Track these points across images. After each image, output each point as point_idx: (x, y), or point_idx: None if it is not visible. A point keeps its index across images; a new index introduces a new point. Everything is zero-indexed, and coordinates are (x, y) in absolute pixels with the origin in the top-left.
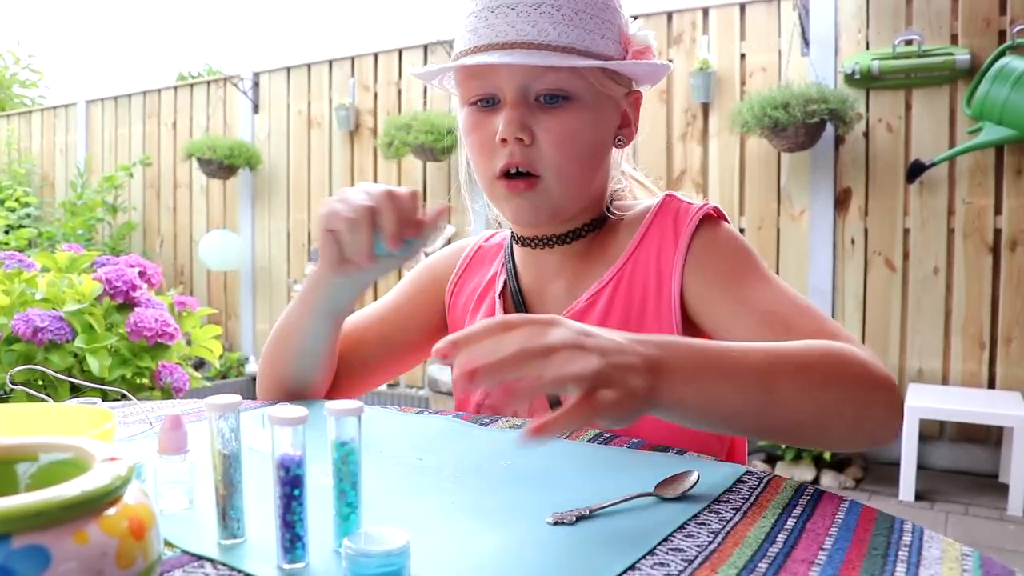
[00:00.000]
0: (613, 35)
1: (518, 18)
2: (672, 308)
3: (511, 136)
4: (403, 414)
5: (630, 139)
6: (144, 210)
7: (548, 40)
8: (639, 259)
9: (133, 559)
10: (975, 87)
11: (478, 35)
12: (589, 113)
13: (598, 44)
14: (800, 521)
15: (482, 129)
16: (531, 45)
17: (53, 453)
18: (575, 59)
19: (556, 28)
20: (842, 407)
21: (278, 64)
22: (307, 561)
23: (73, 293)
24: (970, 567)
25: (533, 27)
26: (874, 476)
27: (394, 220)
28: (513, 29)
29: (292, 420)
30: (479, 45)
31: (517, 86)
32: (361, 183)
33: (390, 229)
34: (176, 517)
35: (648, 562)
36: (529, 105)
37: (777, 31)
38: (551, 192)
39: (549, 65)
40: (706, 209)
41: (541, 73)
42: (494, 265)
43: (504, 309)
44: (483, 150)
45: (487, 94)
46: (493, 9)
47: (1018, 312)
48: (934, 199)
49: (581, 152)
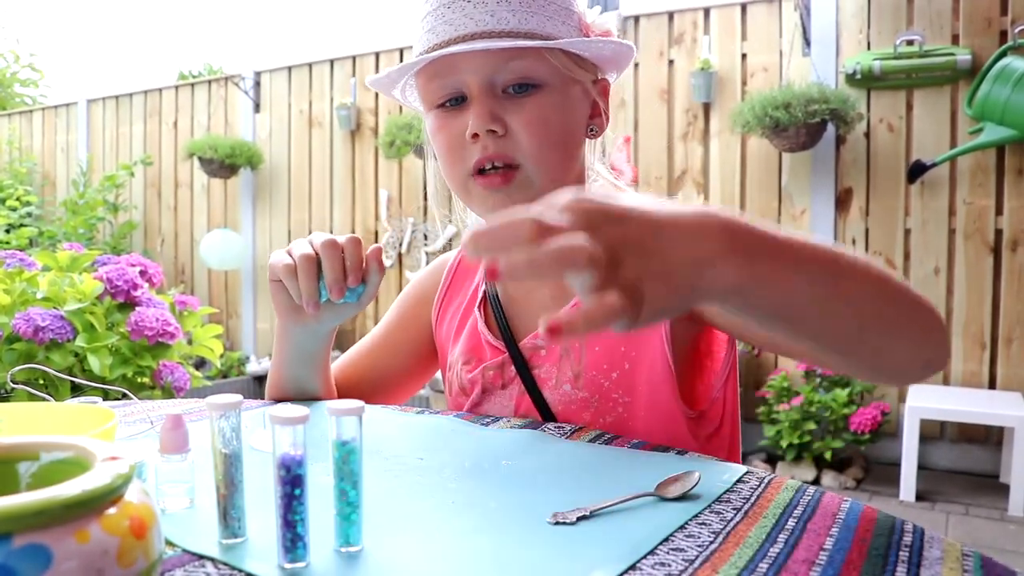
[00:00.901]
0: (573, 21)
1: (475, 9)
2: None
3: (483, 129)
4: (404, 414)
5: (602, 129)
6: (145, 209)
7: (509, 27)
8: None
9: (134, 558)
10: (976, 87)
11: (436, 33)
12: (559, 98)
13: (559, 29)
14: (801, 521)
15: (450, 129)
16: (492, 34)
17: (54, 452)
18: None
19: (515, 15)
20: (910, 312)
21: (279, 63)
22: (308, 561)
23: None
24: (971, 568)
25: (492, 16)
26: (875, 476)
27: (335, 268)
28: (471, 20)
29: (293, 420)
30: (438, 43)
31: (482, 79)
32: (314, 233)
33: (330, 277)
34: (177, 516)
35: (649, 562)
36: (497, 97)
37: (778, 31)
38: (530, 182)
39: (514, 48)
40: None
41: (505, 63)
42: (478, 275)
43: (485, 321)
44: (453, 150)
45: (452, 93)
46: (449, 5)
47: (1019, 313)
48: (935, 199)
49: (556, 138)
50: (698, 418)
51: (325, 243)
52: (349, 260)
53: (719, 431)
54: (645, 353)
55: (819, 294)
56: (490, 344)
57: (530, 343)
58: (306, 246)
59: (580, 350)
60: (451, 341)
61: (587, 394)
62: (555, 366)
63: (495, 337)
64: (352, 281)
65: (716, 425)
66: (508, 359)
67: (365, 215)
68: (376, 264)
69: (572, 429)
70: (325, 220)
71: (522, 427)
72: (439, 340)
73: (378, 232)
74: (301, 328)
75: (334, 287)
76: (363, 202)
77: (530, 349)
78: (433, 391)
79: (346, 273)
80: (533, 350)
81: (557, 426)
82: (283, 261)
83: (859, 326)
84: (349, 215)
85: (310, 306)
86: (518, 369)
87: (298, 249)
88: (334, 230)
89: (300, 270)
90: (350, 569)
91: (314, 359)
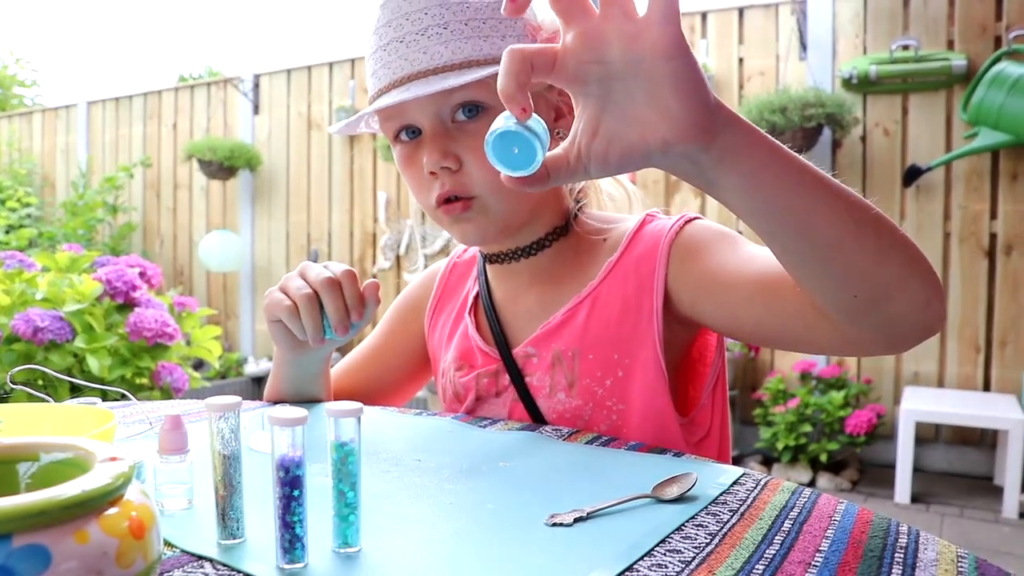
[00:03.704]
0: (515, 31)
1: (408, 49)
2: (654, 323)
3: (436, 168)
4: (402, 415)
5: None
6: (144, 211)
7: (442, 62)
8: (618, 274)
9: (133, 559)
10: (971, 92)
11: (379, 77)
12: None
13: (498, 46)
14: (797, 523)
15: (413, 164)
16: (427, 72)
17: (54, 453)
18: (474, 71)
19: (448, 47)
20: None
21: (278, 66)
22: (306, 562)
23: (73, 293)
24: (966, 570)
25: (424, 53)
26: (870, 478)
27: (338, 309)
28: (406, 62)
29: (291, 421)
30: (381, 87)
31: (429, 116)
32: (305, 264)
33: (335, 319)
34: (176, 517)
35: (645, 564)
36: (448, 130)
37: (775, 36)
38: (490, 209)
39: (444, 89)
40: (683, 219)
41: (447, 96)
42: (468, 282)
43: (476, 326)
44: (418, 185)
45: (407, 127)
46: (385, 47)
47: (1013, 316)
48: (930, 203)
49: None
50: (689, 423)
51: (324, 282)
52: (348, 297)
53: (709, 435)
54: (638, 360)
55: (807, 192)
56: (481, 350)
57: (522, 351)
58: (302, 284)
59: (572, 358)
60: (443, 347)
61: (581, 402)
62: (548, 374)
63: (486, 343)
64: (355, 317)
65: (706, 429)
66: (502, 367)
67: (363, 217)
68: (373, 299)
69: (569, 431)
70: (324, 222)
71: (519, 429)
72: (431, 348)
73: (376, 234)
74: (303, 357)
75: (339, 327)
76: (361, 204)
77: (523, 357)
78: (430, 392)
79: (348, 311)
80: (525, 358)
81: (555, 428)
82: (283, 302)
83: (840, 235)
84: (347, 217)
85: (316, 343)
86: (512, 378)
87: (295, 288)
88: (333, 232)
89: (303, 311)
90: (348, 570)
91: (315, 377)
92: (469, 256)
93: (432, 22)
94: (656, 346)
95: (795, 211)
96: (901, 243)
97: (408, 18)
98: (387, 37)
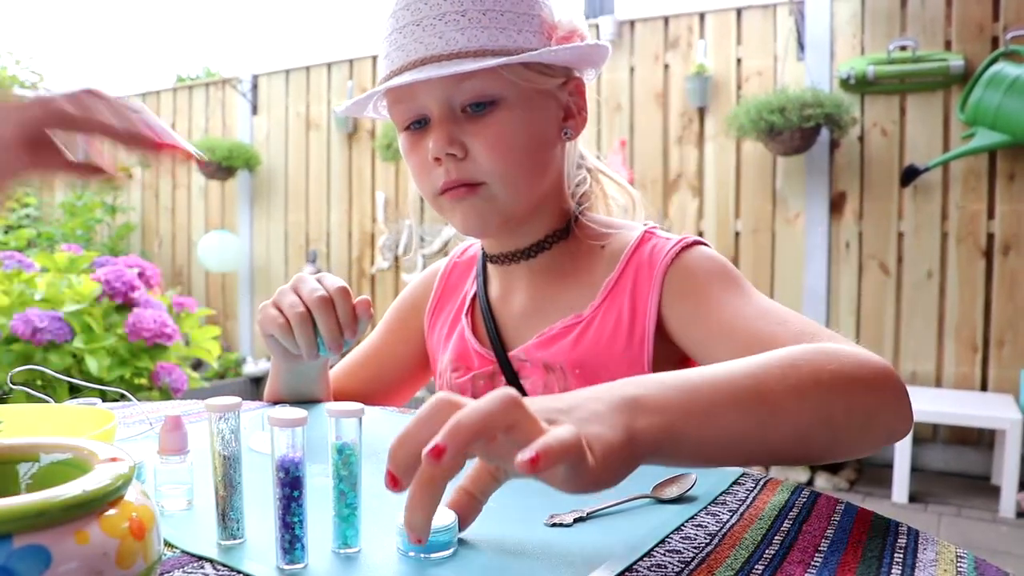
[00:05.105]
0: (532, 27)
1: (424, 33)
2: (645, 346)
3: (442, 153)
4: (402, 415)
5: (578, 130)
6: (143, 211)
7: (457, 48)
8: (615, 296)
9: (133, 559)
10: (968, 92)
11: (392, 59)
12: (520, 112)
13: (514, 40)
14: (796, 523)
15: (418, 151)
16: (441, 57)
17: (54, 453)
18: (488, 60)
19: (464, 34)
20: (848, 400)
21: (277, 66)
22: (306, 562)
23: (72, 293)
24: (965, 570)
25: (440, 38)
26: (868, 478)
27: (332, 328)
28: (421, 45)
29: (292, 422)
30: (394, 69)
31: (439, 101)
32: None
33: (328, 338)
34: (176, 517)
35: (645, 564)
36: (456, 119)
37: (773, 36)
38: (497, 197)
39: (460, 72)
40: (682, 244)
41: (459, 84)
42: (467, 283)
43: (472, 327)
44: (421, 171)
45: (416, 116)
46: (400, 29)
47: (1010, 316)
48: (928, 203)
49: (519, 154)
50: None
51: (317, 300)
52: (342, 315)
53: None
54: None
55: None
56: (477, 352)
57: (517, 355)
58: (295, 301)
59: (563, 372)
60: (441, 348)
61: None
62: (542, 379)
63: (482, 345)
64: (348, 335)
65: None
66: (498, 370)
67: (362, 217)
68: (365, 315)
69: None
70: (322, 222)
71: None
72: (430, 348)
73: (375, 234)
74: (299, 367)
75: (333, 345)
76: (360, 204)
77: (518, 360)
78: (430, 393)
79: (341, 329)
80: (519, 363)
81: None
82: (277, 319)
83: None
84: (346, 217)
85: (310, 359)
86: (508, 381)
87: (288, 305)
88: (331, 233)
89: (296, 330)
90: (348, 570)
91: (315, 381)
92: (469, 256)
93: (450, 8)
94: (646, 369)
95: (750, 438)
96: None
97: (427, 2)
98: (404, 20)
